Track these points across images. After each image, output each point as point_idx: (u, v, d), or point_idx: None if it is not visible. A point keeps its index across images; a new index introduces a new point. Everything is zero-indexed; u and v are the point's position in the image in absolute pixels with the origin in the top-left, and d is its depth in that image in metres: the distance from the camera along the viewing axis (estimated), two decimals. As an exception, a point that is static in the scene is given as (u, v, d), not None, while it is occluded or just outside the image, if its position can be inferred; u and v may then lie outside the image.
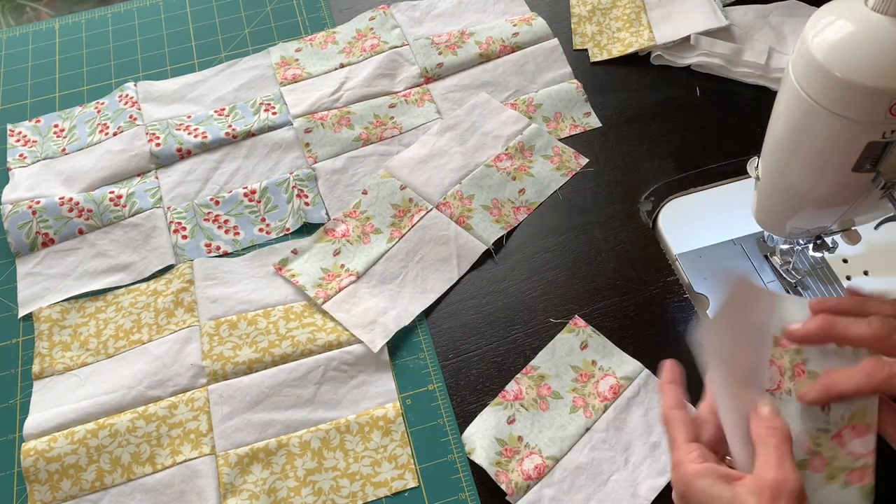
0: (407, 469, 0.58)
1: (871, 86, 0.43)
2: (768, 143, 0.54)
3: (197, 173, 0.75)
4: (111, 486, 0.58)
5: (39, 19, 0.96)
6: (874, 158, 0.47)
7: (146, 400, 0.61)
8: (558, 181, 0.73)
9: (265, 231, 0.71)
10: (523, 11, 0.87)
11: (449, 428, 0.60)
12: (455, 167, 0.73)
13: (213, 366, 0.62)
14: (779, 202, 0.56)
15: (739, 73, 0.79)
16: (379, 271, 0.67)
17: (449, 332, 0.65)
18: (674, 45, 0.81)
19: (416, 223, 0.70)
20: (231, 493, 0.57)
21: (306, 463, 0.58)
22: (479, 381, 0.62)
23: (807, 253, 0.63)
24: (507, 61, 0.82)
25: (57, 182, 0.74)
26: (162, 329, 0.65)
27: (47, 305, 0.67)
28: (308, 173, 0.74)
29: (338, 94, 0.79)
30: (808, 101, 0.46)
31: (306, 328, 0.64)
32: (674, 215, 0.70)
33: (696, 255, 0.67)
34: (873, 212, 0.54)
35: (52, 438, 0.59)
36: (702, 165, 0.73)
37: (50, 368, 0.64)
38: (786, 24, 0.82)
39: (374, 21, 0.86)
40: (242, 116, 0.78)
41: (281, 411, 0.60)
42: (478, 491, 0.57)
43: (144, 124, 0.78)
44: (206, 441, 0.59)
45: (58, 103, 0.82)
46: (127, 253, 0.70)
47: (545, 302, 0.66)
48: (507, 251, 0.69)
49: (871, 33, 0.43)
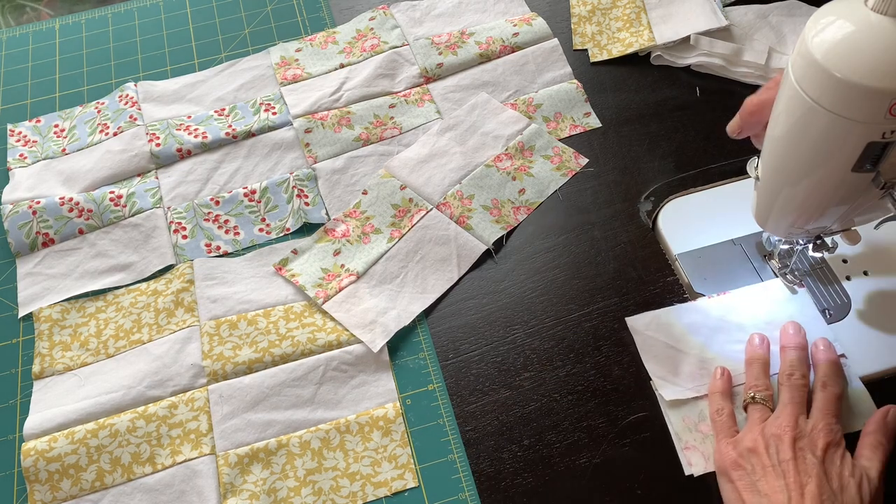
0: (407, 469, 0.58)
1: (871, 86, 0.43)
2: (768, 143, 0.54)
3: (197, 173, 0.75)
4: (111, 486, 0.58)
5: (39, 19, 0.96)
6: (874, 158, 0.47)
7: (146, 400, 0.61)
8: (558, 181, 0.73)
9: (265, 231, 0.71)
10: (523, 11, 0.87)
11: (449, 428, 0.60)
12: (455, 167, 0.73)
13: (213, 366, 0.62)
14: (779, 202, 0.56)
15: (739, 73, 0.79)
16: (379, 271, 0.67)
17: (449, 332, 0.65)
18: (674, 45, 0.81)
19: (416, 223, 0.70)
20: (231, 493, 0.57)
21: (306, 463, 0.58)
22: (479, 381, 0.62)
23: (807, 253, 0.63)
24: (507, 61, 0.82)
25: (57, 182, 0.74)
26: (162, 329, 0.65)
27: (47, 305, 0.67)
28: (308, 173, 0.74)
29: (338, 94, 0.79)
30: (808, 102, 0.46)
31: (306, 328, 0.64)
32: (674, 215, 0.70)
33: (696, 255, 0.67)
34: (873, 212, 0.54)
35: (53, 438, 0.59)
36: (702, 165, 0.73)
37: (50, 368, 0.64)
38: (786, 24, 0.82)
39: (374, 21, 0.86)
40: (242, 116, 0.78)
41: (281, 411, 0.61)
42: (478, 491, 0.57)
43: (144, 124, 0.78)
44: (206, 441, 0.59)
45: (58, 103, 0.82)
46: (127, 253, 0.70)
47: (545, 302, 0.66)
48: (507, 251, 0.69)
49: (871, 33, 0.43)
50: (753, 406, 0.57)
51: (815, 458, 0.52)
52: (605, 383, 0.61)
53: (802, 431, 0.53)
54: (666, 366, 0.61)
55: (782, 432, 0.53)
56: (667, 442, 0.58)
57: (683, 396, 0.59)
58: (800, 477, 0.51)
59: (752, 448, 0.54)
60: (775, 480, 0.52)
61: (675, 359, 0.61)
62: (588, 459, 0.58)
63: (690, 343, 0.62)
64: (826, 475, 0.51)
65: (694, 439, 0.58)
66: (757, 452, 0.53)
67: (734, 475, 0.54)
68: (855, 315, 0.62)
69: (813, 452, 0.52)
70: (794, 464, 0.52)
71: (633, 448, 0.58)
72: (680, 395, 0.59)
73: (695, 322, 0.63)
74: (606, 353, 0.63)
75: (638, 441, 0.58)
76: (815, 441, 0.53)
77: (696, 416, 0.59)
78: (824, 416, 0.55)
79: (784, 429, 0.53)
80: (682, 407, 0.59)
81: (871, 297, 0.63)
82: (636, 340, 0.63)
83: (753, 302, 0.64)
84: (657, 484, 0.57)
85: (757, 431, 0.54)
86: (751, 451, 0.54)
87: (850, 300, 0.63)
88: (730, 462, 0.54)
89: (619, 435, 0.59)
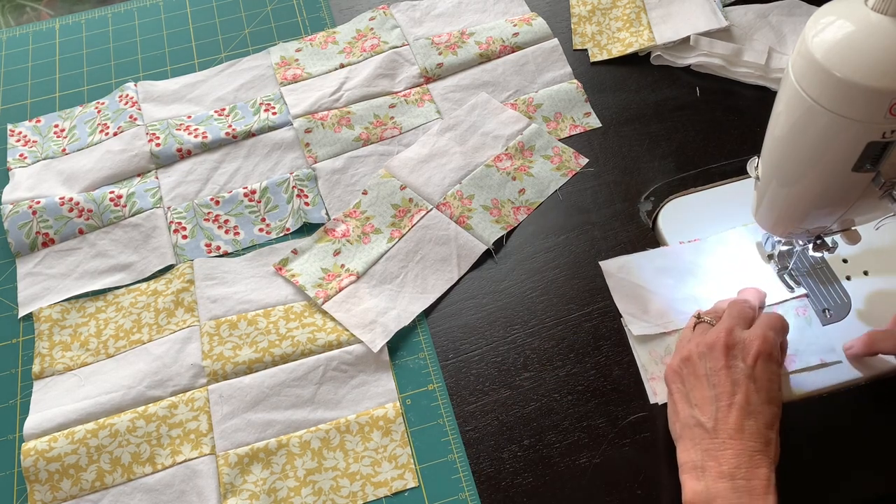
0: (407, 469, 0.58)
1: (871, 86, 0.43)
2: (768, 143, 0.54)
3: (197, 173, 0.75)
4: (111, 486, 0.58)
5: (39, 19, 0.96)
6: (874, 158, 0.47)
7: (146, 400, 0.61)
8: (558, 181, 0.73)
9: (265, 231, 0.71)
10: (523, 11, 0.87)
11: (449, 428, 0.60)
12: (455, 167, 0.73)
13: (214, 366, 0.62)
14: (779, 202, 0.56)
15: (739, 73, 0.79)
16: (379, 271, 0.67)
17: (449, 332, 0.65)
18: (674, 46, 0.81)
19: (416, 223, 0.70)
20: (231, 493, 0.57)
21: (306, 463, 0.58)
22: (479, 381, 0.62)
23: (807, 253, 0.63)
24: (507, 61, 0.82)
25: (57, 182, 0.74)
26: (162, 329, 0.65)
27: (47, 305, 0.67)
28: (308, 173, 0.74)
29: (338, 94, 0.79)
30: (808, 101, 0.46)
31: (306, 328, 0.64)
32: (674, 215, 0.70)
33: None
34: (873, 212, 0.54)
35: (52, 438, 0.59)
36: (702, 165, 0.73)
37: (50, 368, 0.64)
38: (786, 24, 0.82)
39: (374, 21, 0.86)
40: (242, 116, 0.78)
41: (281, 411, 0.60)
42: (478, 491, 0.57)
43: (144, 124, 0.78)
44: (206, 441, 0.59)
45: (58, 103, 0.82)
46: (127, 253, 0.70)
47: (545, 302, 0.66)
48: (507, 251, 0.69)
49: (871, 33, 0.43)
50: (700, 325, 0.57)
51: (745, 366, 0.51)
52: (605, 383, 0.61)
53: (736, 338, 0.53)
54: (636, 304, 0.64)
55: (716, 340, 0.53)
56: (667, 442, 0.58)
57: (651, 332, 0.62)
58: (730, 387, 0.50)
59: (687, 357, 0.54)
60: (706, 391, 0.51)
61: (645, 298, 0.64)
62: (588, 459, 0.58)
63: (660, 284, 0.64)
64: (755, 385, 0.50)
65: (659, 371, 0.61)
66: (691, 360, 0.53)
67: (672, 387, 0.54)
68: (855, 315, 0.62)
69: (744, 360, 0.51)
70: (725, 373, 0.51)
71: (633, 448, 0.58)
72: (648, 330, 0.62)
73: (666, 266, 0.65)
74: (606, 353, 0.63)
75: (638, 441, 0.58)
76: (748, 349, 0.52)
77: (663, 350, 0.61)
78: (762, 327, 0.54)
79: (718, 336, 0.53)
80: (649, 342, 0.62)
81: (871, 297, 0.63)
82: (608, 283, 0.65)
83: (724, 247, 0.66)
84: (657, 484, 0.57)
85: (694, 342, 0.54)
86: (685, 360, 0.54)
87: (850, 300, 0.63)
88: (669, 372, 0.55)
89: (619, 435, 0.59)
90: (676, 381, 0.54)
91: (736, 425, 0.49)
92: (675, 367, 0.55)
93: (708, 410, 0.51)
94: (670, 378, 0.55)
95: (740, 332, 0.53)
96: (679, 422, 0.53)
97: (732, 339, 0.53)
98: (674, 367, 0.55)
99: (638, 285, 0.65)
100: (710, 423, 0.50)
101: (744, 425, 0.49)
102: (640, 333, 0.62)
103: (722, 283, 0.64)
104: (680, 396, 0.53)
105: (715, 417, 0.50)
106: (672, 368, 0.55)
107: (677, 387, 0.54)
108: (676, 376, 0.54)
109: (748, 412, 0.49)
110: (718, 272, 0.65)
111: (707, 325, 0.57)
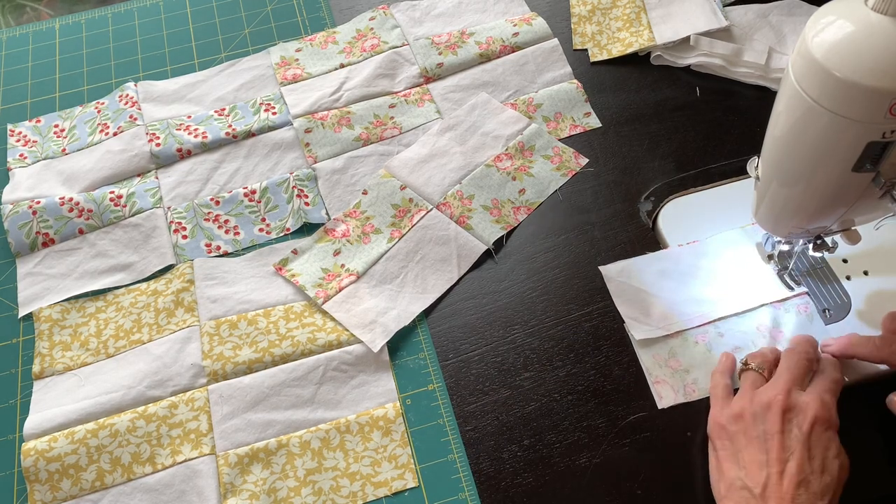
0: (407, 469, 0.58)
1: (871, 86, 0.43)
2: (768, 143, 0.54)
3: (197, 173, 0.75)
4: (111, 486, 0.58)
5: (39, 19, 0.96)
6: (874, 158, 0.47)
7: (146, 400, 0.61)
8: (558, 181, 0.73)
9: (265, 231, 0.71)
10: (523, 11, 0.87)
11: (449, 428, 0.60)
12: (455, 167, 0.73)
13: (214, 366, 0.62)
14: (779, 202, 0.56)
15: (739, 73, 0.79)
16: (379, 271, 0.67)
17: (449, 332, 0.65)
18: (674, 46, 0.81)
19: (416, 223, 0.70)
20: (231, 492, 0.57)
21: (306, 463, 0.58)
22: (479, 381, 0.62)
23: (807, 253, 0.63)
24: (507, 61, 0.82)
25: (57, 182, 0.74)
26: (162, 329, 0.65)
27: (47, 305, 0.67)
28: (308, 173, 0.74)
29: (338, 94, 0.79)
30: (808, 101, 0.46)
31: (306, 328, 0.64)
32: (674, 215, 0.70)
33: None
34: (873, 212, 0.54)
35: (52, 438, 0.59)
36: (702, 165, 0.73)
37: (50, 368, 0.64)
38: (786, 23, 0.82)
39: (374, 21, 0.86)
40: (242, 116, 0.78)
41: (281, 411, 0.60)
42: (478, 491, 0.57)
43: (144, 124, 0.78)
44: (207, 441, 0.59)
45: (58, 103, 0.82)
46: (127, 253, 0.70)
47: (545, 302, 0.66)
48: (507, 251, 0.69)
49: (871, 33, 0.43)
50: (746, 373, 0.55)
51: (800, 433, 0.49)
52: (605, 383, 0.61)
53: (794, 401, 0.50)
54: (637, 308, 0.64)
55: (773, 400, 0.50)
56: (667, 442, 0.58)
57: (653, 335, 0.62)
58: (783, 454, 0.48)
59: (739, 414, 0.51)
60: (758, 454, 0.49)
61: (647, 301, 0.64)
62: (588, 459, 0.58)
63: (661, 287, 0.65)
64: (809, 453, 0.48)
65: (664, 374, 0.60)
66: (743, 418, 0.51)
67: (717, 443, 0.52)
68: (855, 315, 0.62)
69: (800, 427, 0.49)
70: (779, 438, 0.49)
71: (633, 448, 0.58)
72: (650, 334, 0.62)
73: (666, 268, 0.65)
74: (606, 353, 0.63)
75: (638, 441, 0.58)
76: (806, 414, 0.50)
77: (666, 353, 0.61)
78: (819, 392, 0.51)
79: (775, 397, 0.50)
80: (652, 346, 0.62)
81: (871, 297, 0.63)
82: (609, 287, 0.65)
83: (724, 248, 0.66)
84: (657, 484, 0.57)
85: (747, 398, 0.52)
86: (737, 417, 0.51)
87: (850, 300, 0.63)
88: (716, 426, 0.52)
89: (619, 435, 0.59)
90: (723, 438, 0.51)
91: (786, 494, 0.47)
92: (722, 423, 0.52)
93: (758, 475, 0.48)
94: (716, 433, 0.52)
95: (797, 395, 0.51)
96: (724, 482, 0.50)
97: (790, 402, 0.50)
98: (721, 423, 0.52)
99: (639, 289, 0.65)
100: (759, 489, 0.48)
101: (794, 495, 0.47)
102: (643, 337, 0.62)
103: (722, 284, 0.64)
104: (726, 455, 0.51)
105: (764, 484, 0.48)
106: (719, 423, 0.52)
107: (724, 443, 0.51)
108: (724, 432, 0.51)
109: (799, 481, 0.47)
110: (719, 273, 0.65)
111: (755, 373, 0.54)
